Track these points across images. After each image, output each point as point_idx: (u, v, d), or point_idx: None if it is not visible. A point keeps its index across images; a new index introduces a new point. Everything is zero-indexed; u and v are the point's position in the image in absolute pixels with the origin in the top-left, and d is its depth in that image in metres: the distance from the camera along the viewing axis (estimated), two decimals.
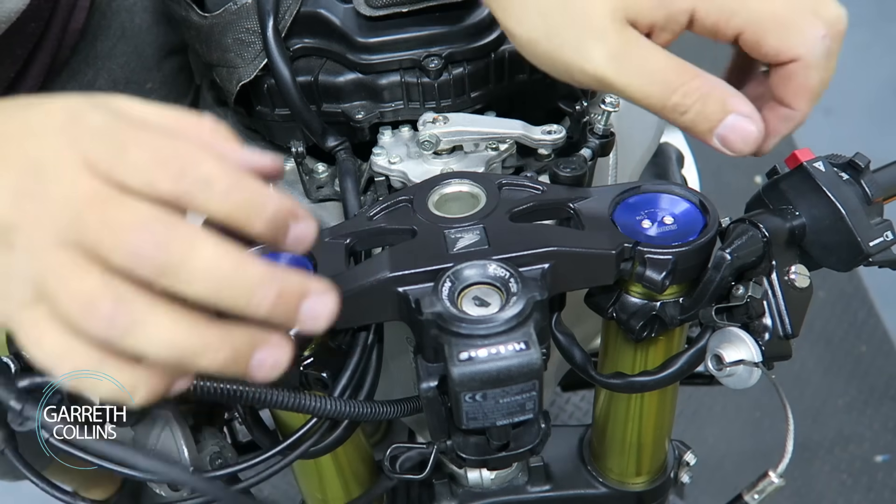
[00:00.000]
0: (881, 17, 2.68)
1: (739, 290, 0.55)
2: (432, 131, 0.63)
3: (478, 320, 0.46)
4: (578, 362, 0.59)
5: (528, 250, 0.50)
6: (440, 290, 0.48)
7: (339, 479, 0.71)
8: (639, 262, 0.53)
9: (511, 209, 0.55)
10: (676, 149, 0.92)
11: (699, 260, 0.54)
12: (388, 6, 0.65)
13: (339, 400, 0.53)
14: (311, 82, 0.67)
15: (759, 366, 0.53)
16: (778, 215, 0.57)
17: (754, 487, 0.59)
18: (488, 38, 0.66)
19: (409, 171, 0.65)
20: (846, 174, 0.58)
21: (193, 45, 0.72)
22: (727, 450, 1.77)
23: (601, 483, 0.78)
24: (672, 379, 0.59)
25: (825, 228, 0.56)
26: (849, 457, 1.77)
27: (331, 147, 0.68)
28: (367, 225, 0.56)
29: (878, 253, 0.56)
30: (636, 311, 0.57)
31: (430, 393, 0.48)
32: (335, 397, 0.53)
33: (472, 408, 0.45)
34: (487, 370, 0.44)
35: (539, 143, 0.65)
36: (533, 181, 0.57)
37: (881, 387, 1.87)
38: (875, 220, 0.57)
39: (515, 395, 0.45)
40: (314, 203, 0.71)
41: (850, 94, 2.46)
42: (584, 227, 0.54)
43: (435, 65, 0.66)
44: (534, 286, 0.48)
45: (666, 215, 0.56)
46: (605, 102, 0.63)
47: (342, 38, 0.66)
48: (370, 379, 0.57)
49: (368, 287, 0.50)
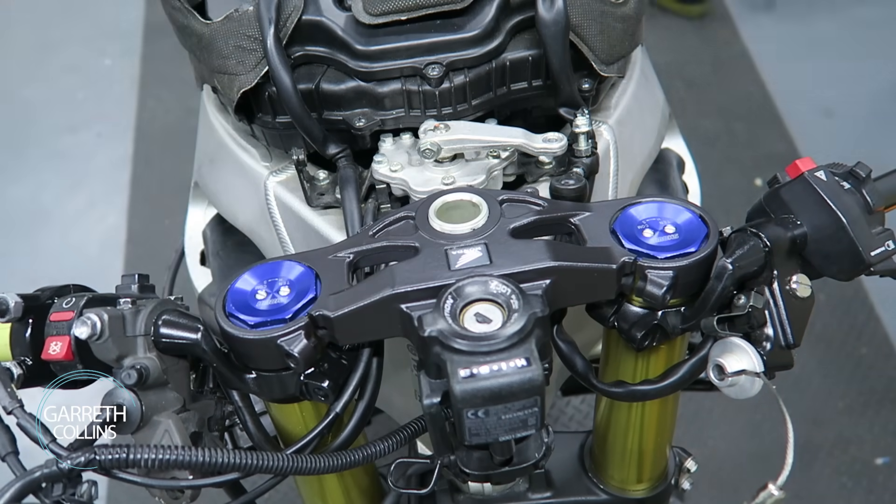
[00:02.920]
0: (882, 18, 2.68)
1: (741, 299, 0.55)
2: (433, 139, 0.63)
3: (479, 337, 0.45)
4: (580, 370, 0.59)
5: (530, 266, 0.50)
6: (442, 307, 0.48)
7: (341, 489, 0.71)
8: (639, 277, 0.53)
9: (512, 225, 0.54)
10: (677, 154, 0.92)
11: (700, 274, 0.54)
12: (386, 14, 0.65)
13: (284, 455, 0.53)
14: (312, 90, 0.67)
15: (760, 376, 0.53)
16: (779, 224, 0.57)
17: (754, 500, 0.59)
18: (489, 46, 0.66)
19: (410, 180, 0.65)
20: (847, 183, 0.58)
21: (194, 52, 0.72)
22: (727, 453, 1.77)
23: (602, 490, 0.78)
24: (673, 388, 0.59)
25: (826, 238, 0.56)
26: (849, 459, 1.77)
27: (332, 154, 0.68)
28: (369, 242, 0.56)
29: (880, 262, 0.56)
30: (638, 320, 0.57)
31: (434, 409, 0.48)
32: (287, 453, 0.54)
33: (475, 424, 0.45)
34: (489, 387, 0.44)
35: (540, 152, 0.65)
36: (534, 196, 0.57)
37: (881, 389, 1.88)
38: (876, 229, 0.57)
39: (517, 412, 0.45)
40: (315, 210, 0.71)
41: (850, 97, 2.46)
42: (585, 242, 0.54)
43: (436, 73, 0.66)
44: (535, 302, 0.48)
45: (667, 224, 0.56)
46: (576, 125, 0.64)
47: (343, 45, 0.66)
48: (370, 390, 0.57)
49: (371, 304, 0.50)
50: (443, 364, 0.46)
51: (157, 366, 0.53)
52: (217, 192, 0.83)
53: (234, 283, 0.55)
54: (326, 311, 0.51)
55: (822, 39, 2.63)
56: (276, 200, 0.73)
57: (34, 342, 0.54)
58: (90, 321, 0.51)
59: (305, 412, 0.62)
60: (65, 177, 2.41)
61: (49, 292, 0.57)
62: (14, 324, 0.54)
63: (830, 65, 2.55)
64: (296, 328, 0.51)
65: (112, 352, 0.53)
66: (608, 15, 0.68)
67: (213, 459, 0.49)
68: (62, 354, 0.53)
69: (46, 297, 0.56)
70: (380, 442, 0.59)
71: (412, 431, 0.60)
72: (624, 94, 0.78)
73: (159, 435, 0.54)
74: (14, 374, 0.54)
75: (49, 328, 0.54)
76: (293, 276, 0.55)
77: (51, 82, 2.71)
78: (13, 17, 2.96)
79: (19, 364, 0.54)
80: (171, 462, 0.49)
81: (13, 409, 0.50)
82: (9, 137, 2.53)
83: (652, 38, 0.85)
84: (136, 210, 2.30)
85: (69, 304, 0.54)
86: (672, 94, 1.89)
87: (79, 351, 0.53)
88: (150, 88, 2.65)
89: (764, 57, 2.59)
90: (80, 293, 0.56)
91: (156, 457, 0.48)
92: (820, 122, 2.40)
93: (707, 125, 2.40)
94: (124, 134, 2.51)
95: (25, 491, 0.47)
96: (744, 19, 2.73)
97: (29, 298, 0.55)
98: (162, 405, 0.54)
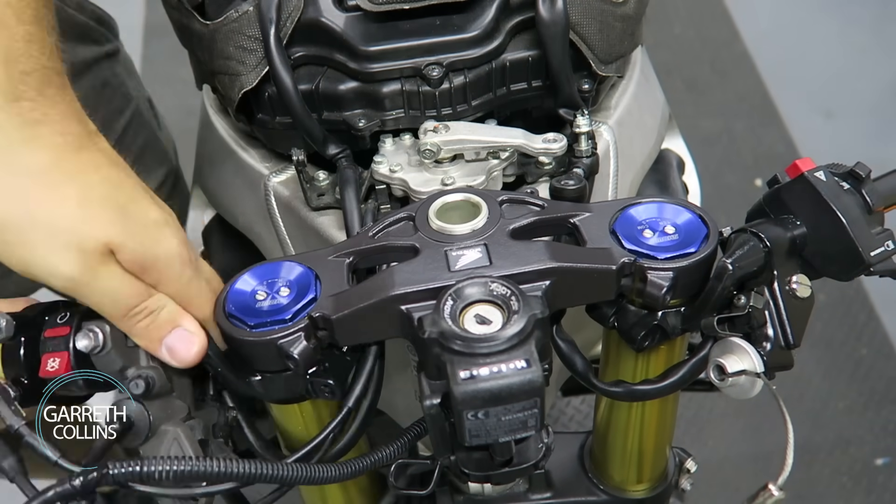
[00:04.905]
0: (882, 18, 2.68)
1: (741, 299, 0.55)
2: (433, 140, 0.63)
3: (479, 339, 0.45)
4: (580, 370, 0.59)
5: (529, 267, 0.50)
6: (442, 309, 0.48)
7: (341, 489, 0.71)
8: (639, 277, 0.53)
9: (512, 226, 0.54)
10: (677, 155, 0.92)
11: (700, 274, 0.54)
12: (389, 2, 0.65)
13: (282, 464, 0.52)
14: (313, 90, 0.67)
15: (760, 376, 0.53)
16: (779, 225, 0.57)
17: (754, 500, 0.59)
18: (489, 46, 0.66)
19: (410, 180, 0.65)
20: (847, 183, 0.58)
21: (195, 52, 0.72)
22: (726, 453, 1.77)
23: (602, 490, 0.78)
24: (674, 388, 0.59)
25: (826, 238, 0.56)
26: (849, 460, 1.77)
27: (332, 155, 0.68)
28: (369, 243, 0.56)
29: (879, 263, 0.56)
30: (638, 321, 0.57)
31: (434, 410, 0.48)
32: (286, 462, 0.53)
33: (475, 425, 0.45)
34: (489, 388, 0.44)
35: (540, 152, 0.65)
36: (534, 197, 0.57)
37: (881, 389, 1.88)
38: (876, 229, 0.57)
39: (517, 413, 0.45)
40: (315, 211, 0.71)
41: (850, 97, 2.46)
42: (584, 242, 0.54)
43: (436, 73, 0.65)
44: (535, 303, 0.48)
45: (667, 225, 0.56)
46: (576, 125, 0.64)
47: (343, 46, 0.66)
48: (371, 391, 0.57)
49: (371, 306, 0.50)
50: (443, 365, 0.46)
51: (161, 375, 0.53)
52: (217, 192, 0.83)
53: (234, 284, 0.55)
54: (326, 313, 0.51)
55: (823, 39, 2.63)
56: (276, 201, 0.73)
57: (28, 360, 0.53)
58: (92, 333, 0.51)
59: (306, 414, 0.62)
60: None
61: (40, 307, 0.55)
62: (6, 344, 0.52)
63: (830, 65, 2.55)
64: (296, 329, 0.51)
65: (115, 363, 0.52)
66: (608, 14, 0.68)
67: (227, 469, 0.49)
68: (61, 370, 0.52)
69: (36, 313, 0.55)
70: (387, 447, 0.59)
71: (417, 434, 0.60)
72: (624, 95, 0.78)
73: (168, 444, 0.53)
74: (11, 394, 0.51)
75: (44, 345, 0.53)
76: (293, 277, 0.54)
77: None
78: None
79: (14, 384, 0.52)
80: (185, 473, 0.48)
81: (19, 426, 0.49)
82: None
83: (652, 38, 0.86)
84: None
85: (64, 320, 0.53)
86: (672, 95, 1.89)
87: (78, 365, 0.52)
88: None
89: (764, 57, 2.59)
90: (72, 307, 0.55)
91: (169, 468, 0.48)
92: (820, 122, 2.40)
93: (707, 125, 2.40)
94: None
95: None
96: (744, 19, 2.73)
97: (18, 317, 0.53)
98: (168, 414, 0.54)
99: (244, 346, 0.52)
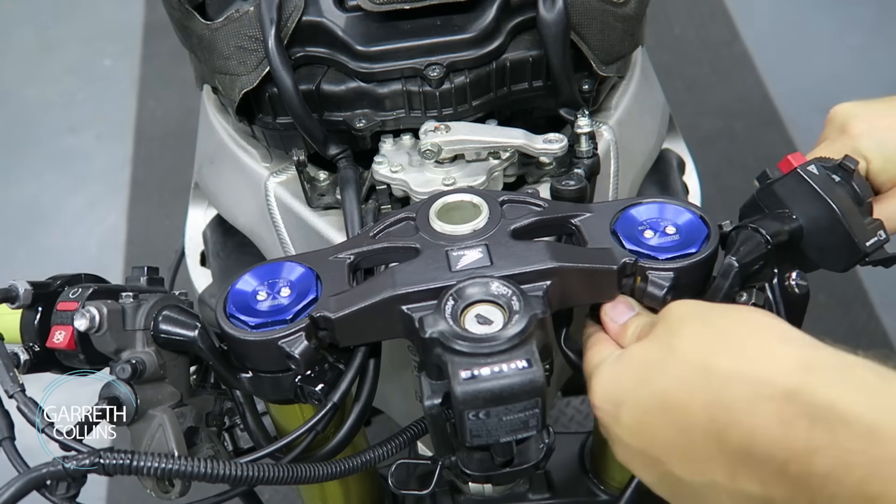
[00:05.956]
0: (883, 18, 2.68)
1: (742, 297, 0.55)
2: (434, 140, 0.63)
3: (480, 339, 0.46)
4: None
5: (530, 267, 0.50)
6: (443, 309, 0.48)
7: (341, 490, 0.71)
8: (640, 277, 0.53)
9: (513, 226, 0.54)
10: (678, 155, 0.92)
11: (701, 274, 0.54)
12: (390, 2, 0.65)
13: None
14: (313, 90, 0.67)
15: None
16: (776, 219, 0.57)
17: None
18: (490, 46, 0.66)
19: (411, 181, 0.65)
20: (837, 176, 0.58)
21: (195, 52, 0.72)
22: None
23: (602, 491, 0.78)
24: None
25: (822, 230, 0.57)
26: None
27: (332, 155, 0.68)
28: (370, 243, 0.56)
29: (874, 252, 0.57)
30: None
31: (434, 410, 0.48)
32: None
33: (476, 425, 0.45)
34: (490, 388, 0.44)
35: (540, 153, 0.65)
36: (534, 197, 0.57)
37: None
38: (867, 219, 0.58)
39: (518, 413, 0.45)
40: (315, 211, 0.71)
41: (851, 96, 2.45)
42: (585, 243, 0.54)
43: (436, 73, 0.65)
44: (536, 303, 0.48)
45: (668, 225, 0.56)
46: (577, 126, 0.64)
47: (344, 46, 0.66)
48: (366, 391, 0.57)
49: (372, 306, 0.50)
50: (444, 365, 0.46)
51: (153, 360, 0.54)
52: (217, 192, 0.83)
53: (235, 284, 0.55)
54: (327, 313, 0.51)
55: (823, 39, 2.63)
56: (277, 201, 0.73)
57: (42, 329, 0.56)
58: (89, 314, 0.52)
59: (306, 413, 0.62)
60: (65, 177, 2.40)
61: (61, 280, 0.58)
62: (25, 310, 0.56)
63: (830, 65, 2.55)
64: (296, 329, 0.51)
65: (110, 345, 0.53)
66: (609, 14, 0.68)
67: (214, 471, 0.50)
68: (65, 343, 0.54)
69: (57, 285, 0.58)
70: (382, 446, 0.59)
71: (414, 434, 0.60)
72: (624, 95, 0.78)
73: (153, 428, 0.55)
74: (21, 359, 0.56)
75: (55, 317, 0.56)
76: (294, 278, 0.54)
77: (51, 83, 2.70)
78: (13, 18, 2.96)
79: (27, 349, 0.56)
80: (173, 472, 0.49)
81: (14, 392, 0.51)
82: (9, 138, 2.53)
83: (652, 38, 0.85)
84: (136, 210, 2.29)
85: (75, 295, 0.55)
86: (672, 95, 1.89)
87: (81, 341, 0.54)
88: (150, 89, 2.64)
89: (764, 57, 2.59)
90: (88, 283, 0.57)
91: (158, 465, 0.49)
92: (820, 123, 2.40)
93: (707, 125, 2.39)
94: (124, 134, 2.50)
95: (30, 487, 0.47)
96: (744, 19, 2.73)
97: (39, 286, 0.56)
98: (158, 399, 0.55)
99: (245, 346, 0.52)
